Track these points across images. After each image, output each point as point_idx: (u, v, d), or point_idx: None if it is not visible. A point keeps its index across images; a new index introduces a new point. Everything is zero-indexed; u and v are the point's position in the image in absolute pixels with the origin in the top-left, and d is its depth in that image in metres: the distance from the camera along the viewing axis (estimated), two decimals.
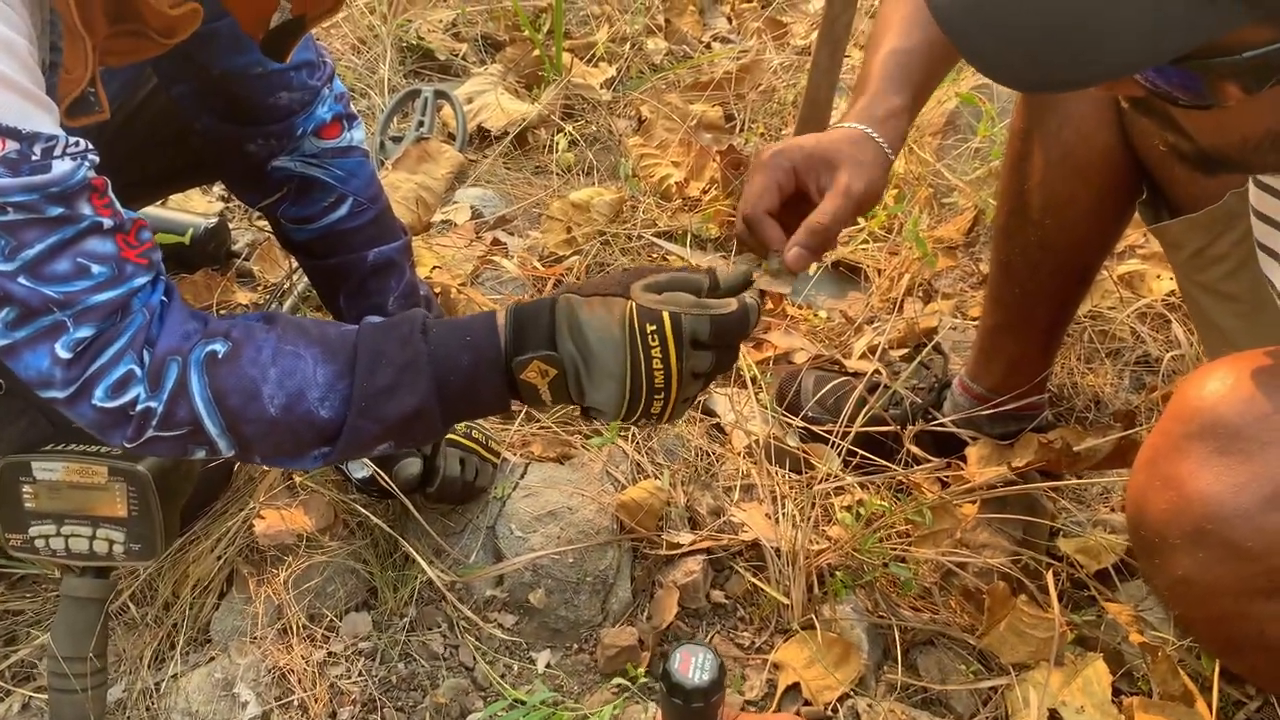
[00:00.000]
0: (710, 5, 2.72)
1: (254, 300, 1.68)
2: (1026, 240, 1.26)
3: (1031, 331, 1.34)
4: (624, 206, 1.89)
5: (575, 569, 1.29)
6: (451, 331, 0.96)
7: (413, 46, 2.37)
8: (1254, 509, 0.77)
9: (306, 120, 1.25)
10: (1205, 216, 1.10)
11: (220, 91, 1.19)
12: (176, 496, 1.09)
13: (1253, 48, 0.66)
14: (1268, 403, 0.78)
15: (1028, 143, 1.22)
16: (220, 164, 1.32)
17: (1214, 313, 1.16)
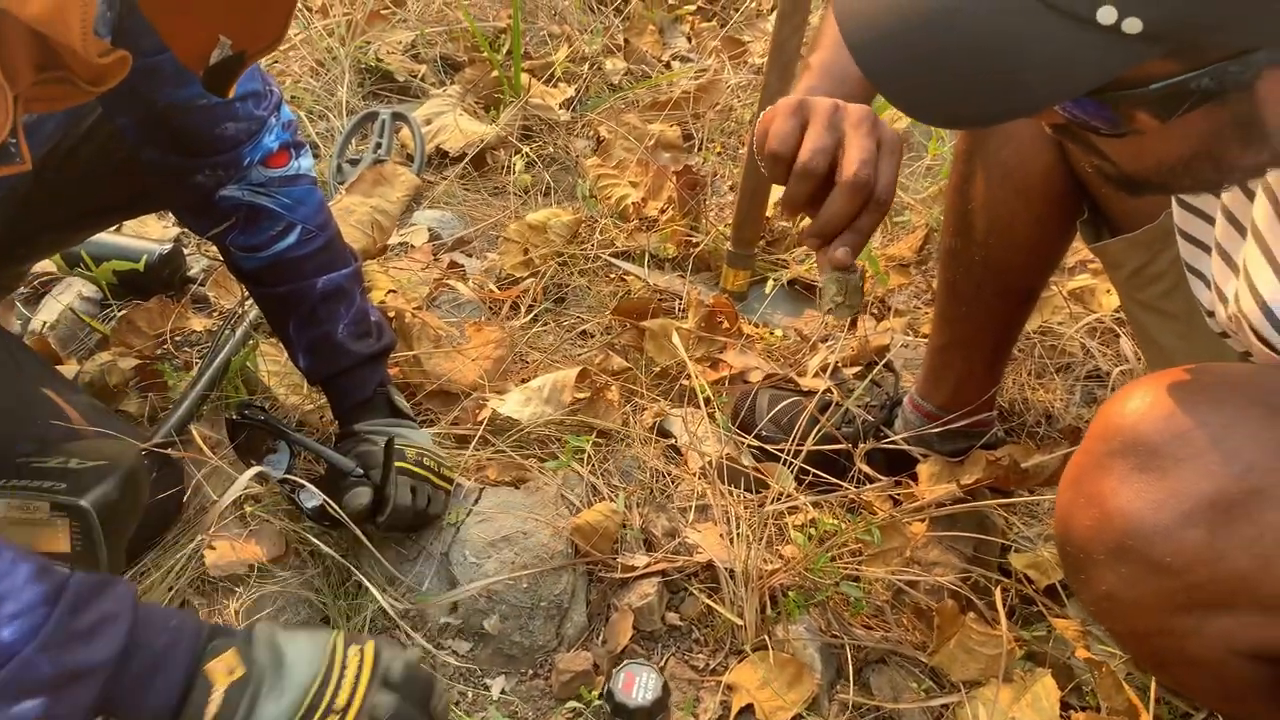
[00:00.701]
0: (670, 24, 2.74)
1: (208, 326, 1.68)
2: (971, 260, 1.27)
3: (978, 350, 1.35)
4: (581, 227, 1.90)
5: (530, 594, 1.29)
6: (159, 611, 0.95)
7: (371, 68, 2.37)
8: (1172, 525, 0.78)
9: (253, 150, 1.25)
10: (1143, 235, 1.13)
11: (165, 123, 1.19)
12: (122, 530, 1.09)
13: (1159, 80, 0.68)
14: (1185, 419, 0.79)
15: (970, 164, 1.24)
16: (168, 194, 1.32)
17: (1154, 330, 1.18)
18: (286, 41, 2.45)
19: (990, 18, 0.68)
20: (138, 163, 1.27)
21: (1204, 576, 0.79)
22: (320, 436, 1.46)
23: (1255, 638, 0.81)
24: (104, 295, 1.71)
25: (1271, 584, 0.78)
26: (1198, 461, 0.78)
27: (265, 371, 1.50)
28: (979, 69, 0.69)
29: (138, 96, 1.15)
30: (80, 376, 1.51)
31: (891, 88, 0.73)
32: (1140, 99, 0.70)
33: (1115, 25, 0.64)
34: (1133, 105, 0.71)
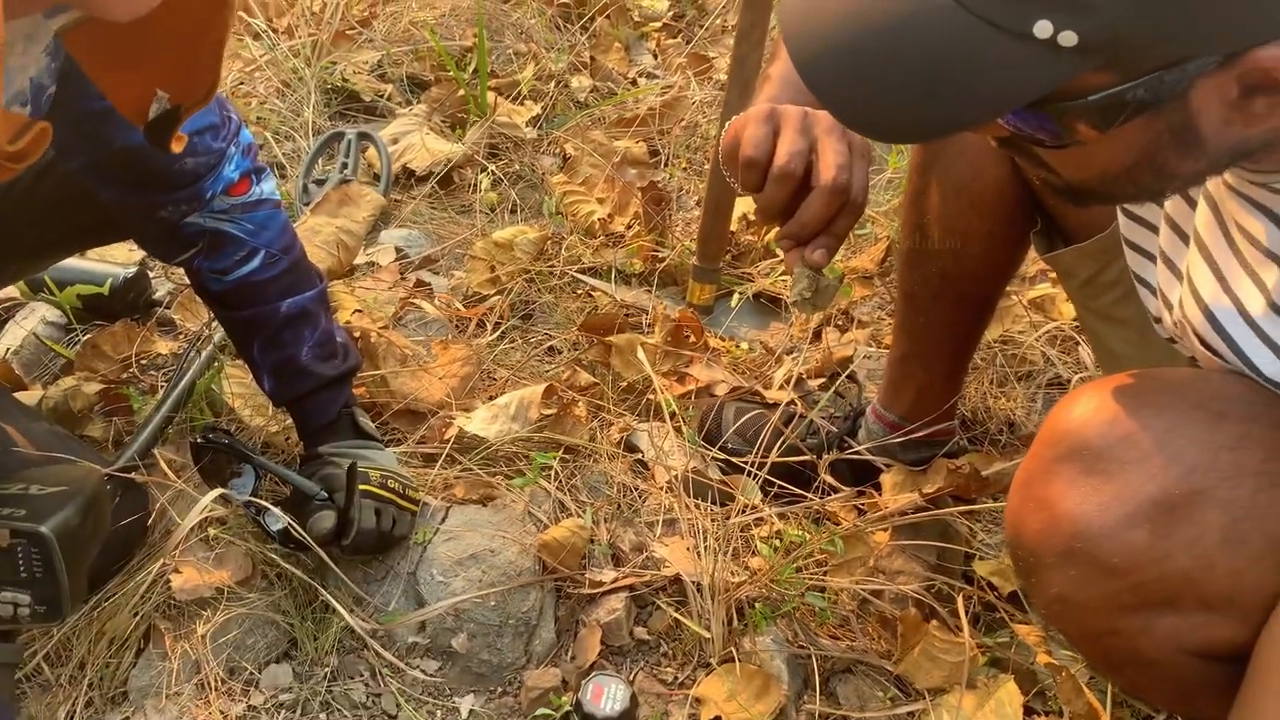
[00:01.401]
0: (636, 42, 2.75)
1: (174, 349, 1.67)
2: (928, 271, 1.29)
3: (938, 359, 1.37)
4: (548, 244, 1.91)
5: (498, 612, 1.30)
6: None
7: (337, 88, 2.38)
8: (1118, 526, 0.80)
9: (215, 183, 1.25)
10: (1094, 245, 1.15)
11: (123, 164, 1.18)
12: (83, 556, 1.08)
13: (1097, 91, 0.70)
14: (1129, 423, 0.81)
15: (925, 177, 1.26)
16: (132, 229, 1.32)
17: (1108, 338, 1.21)
18: (252, 62, 2.46)
19: (931, 32, 0.69)
20: (98, 201, 1.26)
21: (1149, 576, 0.80)
22: (285, 459, 1.45)
23: (1202, 636, 0.83)
24: (68, 320, 1.70)
25: (1214, 583, 0.80)
26: (1141, 464, 0.80)
27: (230, 394, 1.49)
28: (920, 83, 0.71)
29: (93, 139, 1.15)
30: (44, 402, 1.50)
31: (834, 101, 0.74)
32: (1079, 110, 0.72)
33: (1052, 39, 0.66)
34: (1073, 117, 0.72)
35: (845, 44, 0.72)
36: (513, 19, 2.64)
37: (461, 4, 2.67)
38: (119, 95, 0.98)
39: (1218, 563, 0.79)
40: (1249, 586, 0.80)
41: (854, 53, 0.72)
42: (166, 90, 0.99)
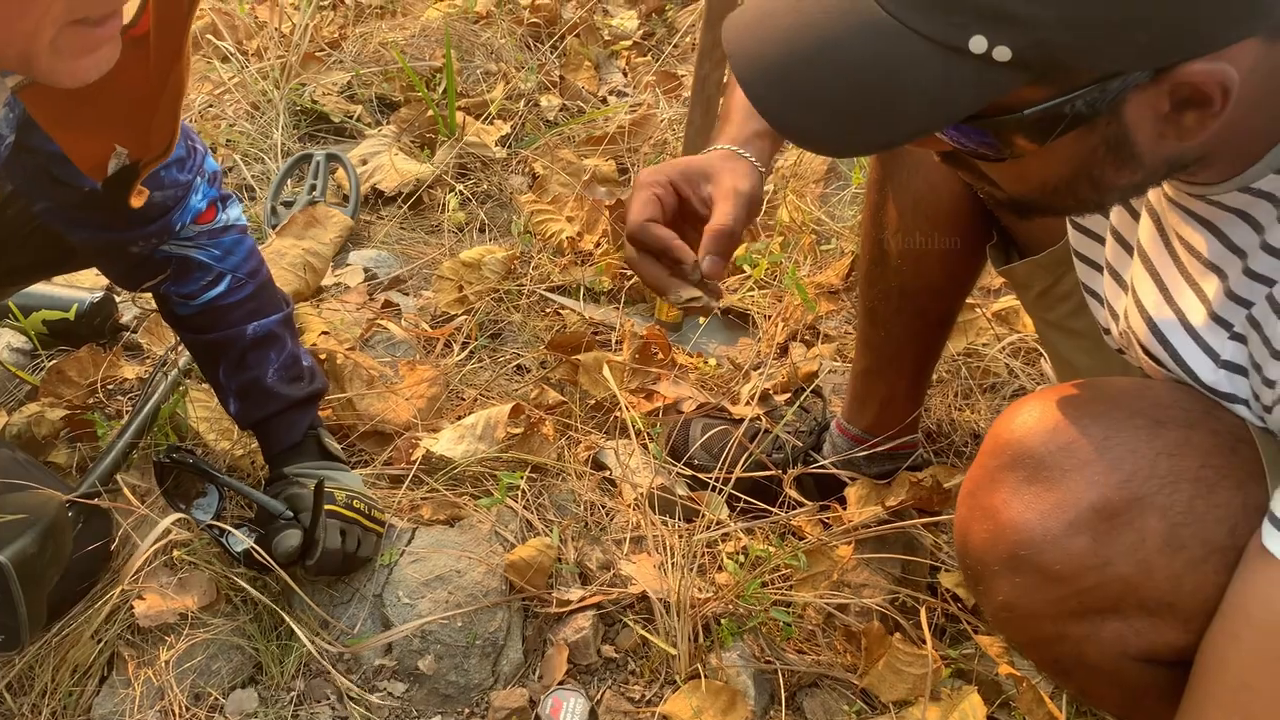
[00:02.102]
0: (606, 60, 2.77)
1: (141, 373, 1.67)
2: (888, 286, 1.31)
3: (899, 373, 1.38)
4: (516, 263, 1.91)
5: (464, 633, 1.30)
6: None
7: (307, 110, 2.38)
8: (1060, 534, 0.81)
9: (183, 214, 1.26)
10: (1047, 258, 1.16)
11: (91, 206, 1.17)
12: (41, 585, 1.08)
13: (1032, 105, 0.72)
14: (1070, 431, 0.82)
15: (882, 193, 1.27)
16: (102, 265, 1.32)
17: (1064, 349, 1.22)
18: (221, 85, 2.46)
19: (867, 48, 0.71)
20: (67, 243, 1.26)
21: (1092, 583, 0.82)
22: (251, 481, 1.45)
23: (1146, 641, 0.84)
24: (34, 346, 1.70)
25: (1153, 588, 0.81)
26: (1081, 472, 0.81)
27: (196, 417, 1.49)
28: (860, 99, 0.72)
29: (58, 184, 1.14)
30: (7, 429, 1.49)
31: (780, 121, 0.76)
32: (1016, 124, 0.73)
33: (986, 53, 0.68)
34: (1010, 130, 0.74)
35: (784, 63, 0.74)
36: (483, 39, 2.65)
37: (431, 25, 2.69)
38: (76, 152, 0.99)
39: (1157, 568, 0.80)
40: (1189, 591, 0.81)
41: (792, 72, 0.74)
42: (125, 146, 0.99)
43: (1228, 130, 0.74)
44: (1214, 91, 0.70)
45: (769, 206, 2.05)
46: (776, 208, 2.02)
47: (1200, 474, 0.81)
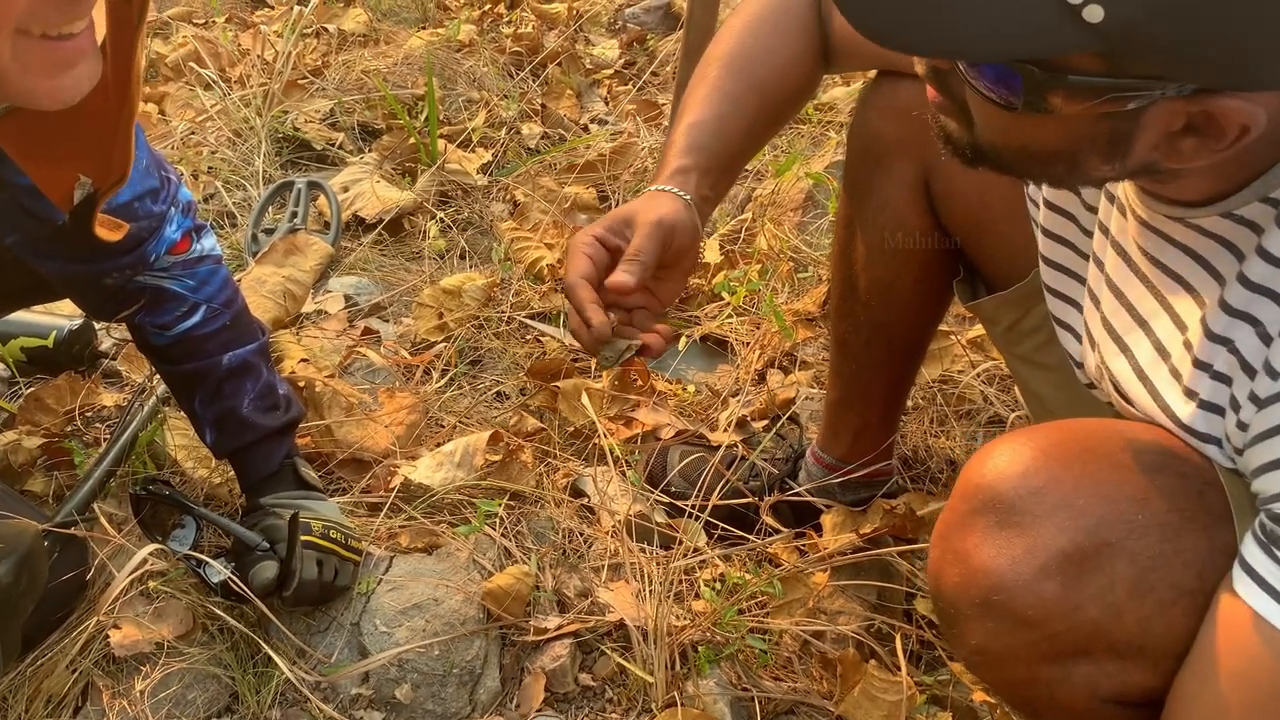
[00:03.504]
0: (587, 89, 2.80)
1: (120, 401, 1.67)
2: (857, 320, 1.32)
3: (871, 404, 1.40)
4: (496, 290, 1.92)
5: (442, 661, 1.30)
6: None
7: (289, 137, 2.39)
8: (1031, 579, 0.82)
9: (157, 245, 1.26)
10: (1014, 293, 1.18)
11: (62, 237, 1.16)
12: (16, 614, 1.08)
13: (1082, 74, 0.71)
14: (1040, 476, 0.83)
15: (850, 229, 1.29)
16: (73, 294, 1.32)
17: (1033, 382, 1.24)
18: (204, 112, 2.47)
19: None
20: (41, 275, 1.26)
21: (1063, 627, 0.82)
22: (228, 510, 1.45)
23: (1117, 684, 0.84)
24: (11, 373, 1.69)
25: (1124, 631, 0.82)
26: (1051, 517, 0.82)
27: (174, 446, 1.49)
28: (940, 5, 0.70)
29: (30, 216, 1.13)
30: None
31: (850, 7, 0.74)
32: (1054, 84, 0.72)
33: (1080, 7, 0.66)
34: (1044, 88, 0.72)
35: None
36: (465, 67, 2.67)
37: (413, 53, 2.71)
38: (45, 181, 1.00)
39: (1127, 612, 0.81)
40: (1158, 634, 0.82)
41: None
42: (87, 174, 1.00)
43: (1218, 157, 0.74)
44: (1230, 128, 0.71)
45: (747, 234, 2.07)
46: (755, 236, 2.04)
47: (1168, 518, 0.82)
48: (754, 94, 1.12)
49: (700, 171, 1.07)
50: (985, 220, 1.18)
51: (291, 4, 3.18)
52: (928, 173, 1.20)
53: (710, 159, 1.09)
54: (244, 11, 3.23)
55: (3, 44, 0.79)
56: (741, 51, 1.14)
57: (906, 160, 1.20)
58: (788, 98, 1.18)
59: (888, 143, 1.20)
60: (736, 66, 1.13)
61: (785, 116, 1.23)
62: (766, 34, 1.15)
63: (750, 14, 1.17)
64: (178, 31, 2.88)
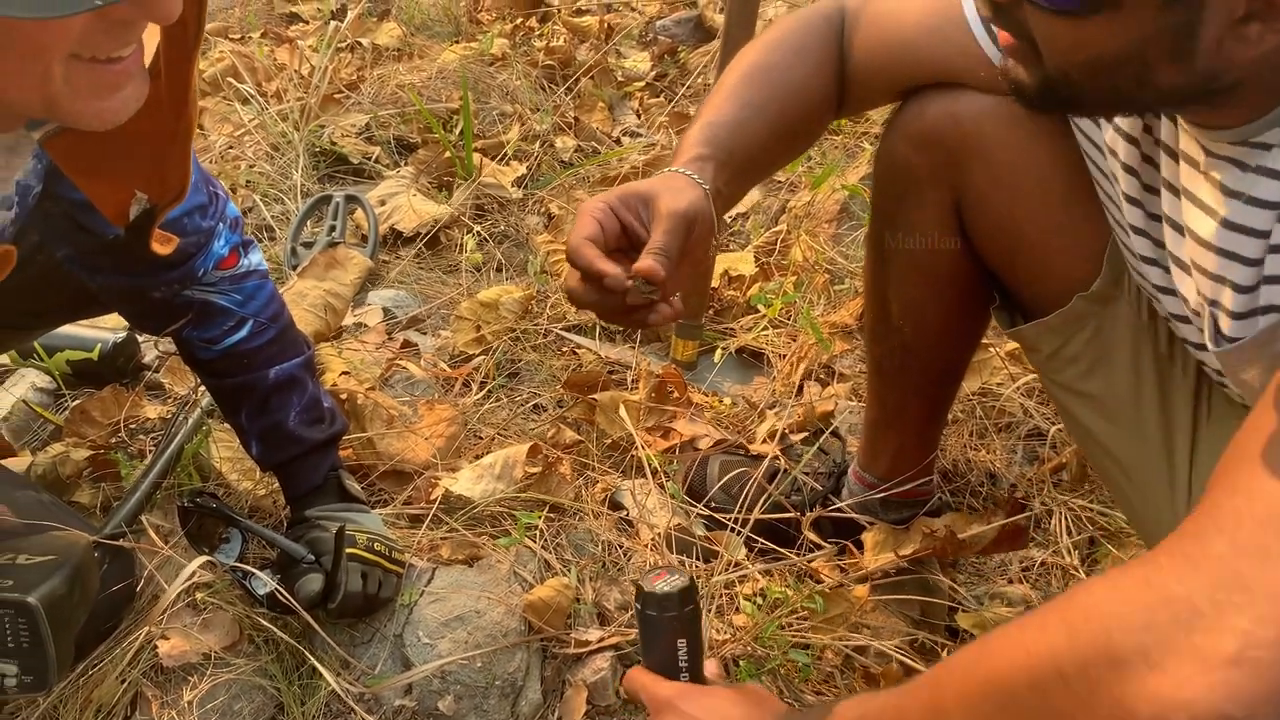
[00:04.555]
0: (619, 101, 2.81)
1: (163, 413, 1.69)
2: (892, 344, 1.31)
3: (910, 425, 1.39)
4: (533, 303, 1.94)
5: (484, 673, 1.30)
6: None
7: (326, 151, 2.42)
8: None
9: (205, 260, 1.28)
10: (1055, 319, 1.15)
11: (114, 251, 1.18)
12: (70, 626, 1.09)
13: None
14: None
15: (880, 253, 1.27)
16: (122, 308, 1.34)
17: (1075, 410, 1.21)
18: (241, 126, 2.50)
19: None
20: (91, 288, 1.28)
21: None
22: (272, 522, 1.47)
23: None
24: (57, 385, 1.72)
25: None
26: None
27: (218, 458, 1.51)
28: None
29: (82, 231, 1.16)
30: (32, 469, 1.51)
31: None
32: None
33: None
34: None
35: None
36: (498, 81, 2.69)
37: (448, 67, 2.73)
38: (100, 198, 1.02)
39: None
40: None
41: None
42: (144, 191, 1.02)
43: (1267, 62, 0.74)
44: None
45: (782, 246, 2.07)
46: (790, 247, 2.04)
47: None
48: (773, 103, 1.10)
49: (717, 164, 1.03)
50: (1019, 245, 1.16)
51: (325, 18, 3.22)
52: (959, 198, 1.17)
53: (727, 155, 1.04)
54: (279, 26, 3.27)
55: (55, 69, 0.81)
56: (762, 64, 1.13)
57: (936, 186, 1.18)
58: (803, 116, 1.15)
59: (916, 169, 1.18)
60: (757, 77, 1.12)
61: (800, 138, 1.20)
62: (787, 51, 1.14)
63: (773, 34, 1.17)
64: (215, 46, 2.91)
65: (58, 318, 1.53)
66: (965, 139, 1.12)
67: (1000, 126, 1.11)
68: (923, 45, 1.11)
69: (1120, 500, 1.23)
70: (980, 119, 1.11)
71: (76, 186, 1.06)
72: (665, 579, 0.90)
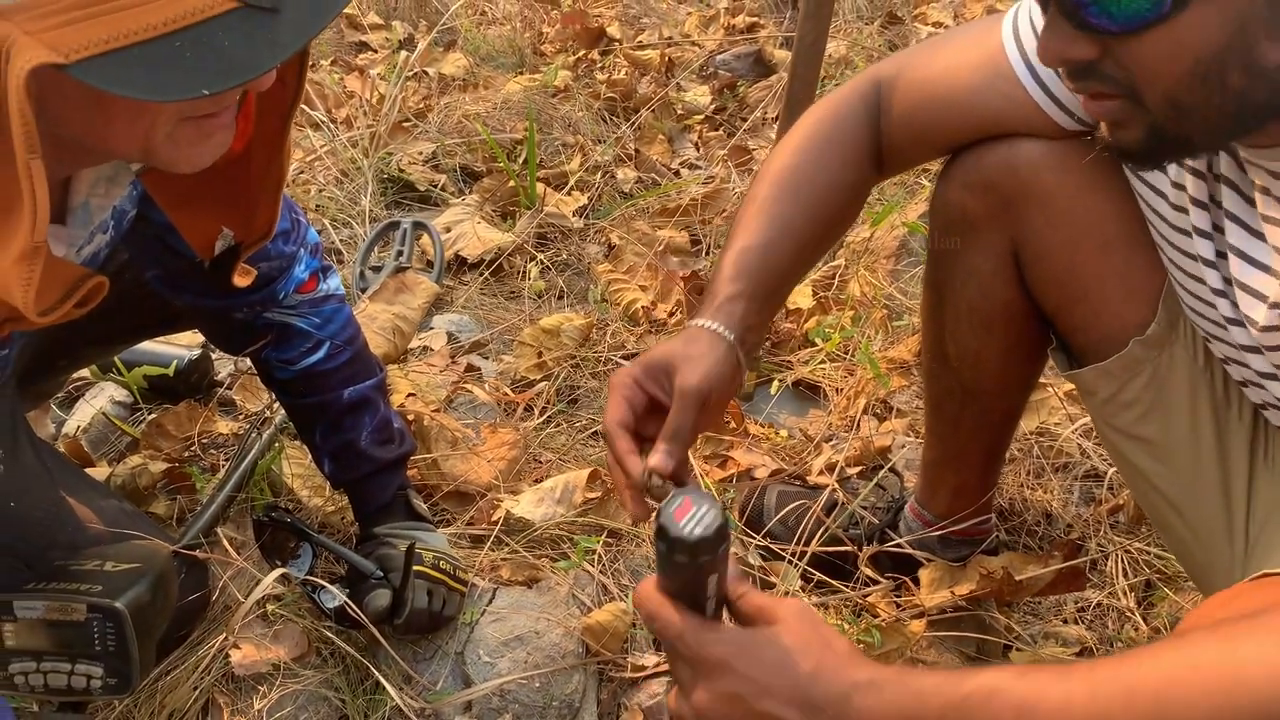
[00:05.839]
0: (679, 134, 2.85)
1: (234, 429, 1.74)
2: (949, 385, 1.32)
3: (967, 465, 1.39)
4: (593, 331, 1.97)
5: (542, 693, 1.33)
6: None
7: (394, 178, 2.48)
8: None
9: (286, 284, 1.33)
10: (1116, 363, 1.15)
11: (199, 273, 1.22)
12: (153, 631, 1.13)
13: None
14: None
15: (937, 293, 1.28)
16: (207, 329, 1.40)
17: (1130, 453, 1.20)
18: (313, 152, 2.58)
19: None
20: (174, 307, 1.34)
21: None
22: (341, 537, 1.51)
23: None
24: (135, 399, 1.78)
25: None
26: None
27: (290, 474, 1.56)
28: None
29: (170, 253, 1.22)
30: (112, 479, 1.57)
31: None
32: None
33: None
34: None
35: None
36: (561, 112, 2.75)
37: (512, 98, 2.80)
38: (187, 229, 1.07)
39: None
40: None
41: None
42: (231, 228, 1.07)
43: None
44: None
45: (840, 280, 2.09)
46: (848, 282, 2.06)
47: None
48: (802, 216, 1.11)
49: (747, 299, 1.04)
50: (1076, 291, 1.16)
51: (394, 47, 3.31)
52: (1016, 243, 1.17)
53: (758, 285, 1.06)
54: (348, 54, 3.37)
55: (158, 129, 0.87)
56: (792, 171, 1.14)
57: (993, 232, 1.18)
58: (838, 214, 1.17)
59: (972, 216, 1.18)
60: (788, 187, 1.12)
61: (837, 232, 1.21)
62: (817, 152, 1.15)
63: (803, 132, 1.17)
64: None
65: (141, 334, 1.59)
66: (1022, 186, 1.13)
67: (1056, 173, 1.11)
68: (972, 103, 1.12)
69: (1175, 545, 1.22)
70: (1036, 166, 1.12)
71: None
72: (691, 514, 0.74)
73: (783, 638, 0.77)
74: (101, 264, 1.28)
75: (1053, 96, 1.07)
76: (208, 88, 0.77)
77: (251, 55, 0.79)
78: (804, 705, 0.76)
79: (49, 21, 0.74)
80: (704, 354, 0.99)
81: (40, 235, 0.80)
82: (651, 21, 3.51)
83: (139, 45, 0.75)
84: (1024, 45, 1.07)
